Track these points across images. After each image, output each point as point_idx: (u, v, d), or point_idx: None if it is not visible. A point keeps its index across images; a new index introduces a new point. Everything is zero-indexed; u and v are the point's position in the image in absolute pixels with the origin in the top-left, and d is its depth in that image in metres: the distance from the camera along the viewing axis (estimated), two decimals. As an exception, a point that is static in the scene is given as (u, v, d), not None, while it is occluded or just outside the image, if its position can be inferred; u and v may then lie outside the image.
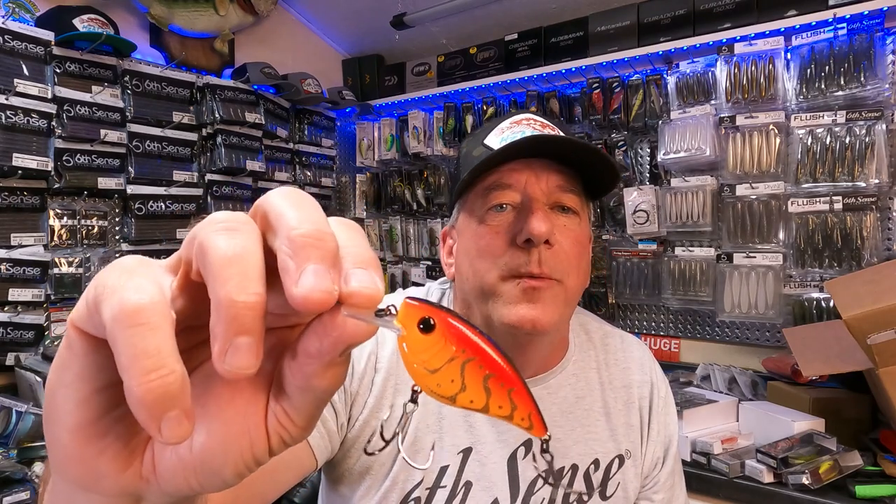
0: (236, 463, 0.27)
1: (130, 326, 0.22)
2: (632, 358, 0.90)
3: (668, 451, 0.89)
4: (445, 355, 0.25)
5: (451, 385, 0.25)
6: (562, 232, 0.74)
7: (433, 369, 0.25)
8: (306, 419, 0.27)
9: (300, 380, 0.26)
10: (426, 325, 0.25)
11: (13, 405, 1.51)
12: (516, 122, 0.79)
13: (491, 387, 0.25)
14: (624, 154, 2.19)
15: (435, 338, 0.25)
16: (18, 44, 1.77)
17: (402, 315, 0.25)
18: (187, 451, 0.26)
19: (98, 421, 0.26)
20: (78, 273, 1.94)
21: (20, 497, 1.28)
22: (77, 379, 0.25)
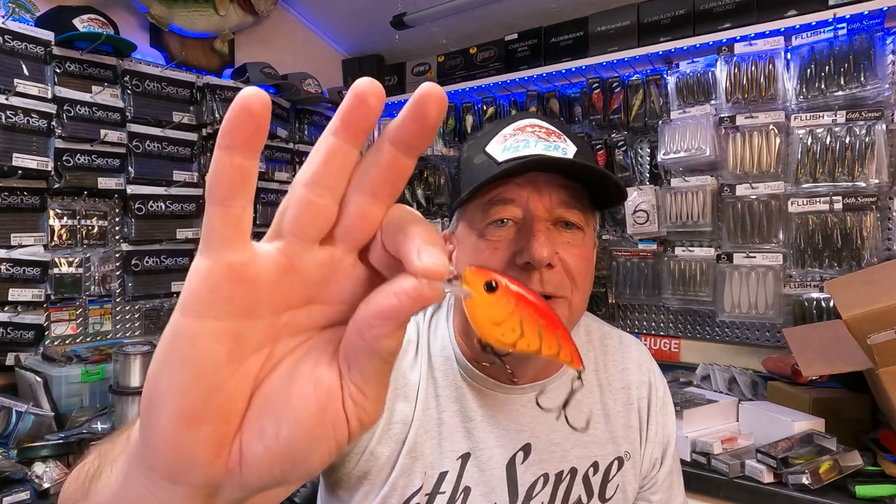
0: (321, 450, 0.28)
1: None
2: (630, 359, 0.90)
3: (667, 451, 0.89)
4: (507, 309, 0.30)
5: (512, 333, 0.31)
6: (565, 249, 0.72)
7: (498, 322, 0.30)
8: (377, 389, 0.29)
9: (369, 343, 0.27)
10: (489, 287, 0.30)
11: (13, 405, 1.51)
12: (520, 129, 0.75)
13: (544, 333, 0.31)
14: (624, 154, 2.19)
15: (498, 296, 0.30)
16: (18, 44, 1.77)
17: (469, 279, 0.30)
18: (275, 441, 0.27)
19: (199, 408, 0.27)
20: (78, 273, 1.94)
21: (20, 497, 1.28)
22: (179, 367, 0.26)
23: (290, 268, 0.28)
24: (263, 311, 0.28)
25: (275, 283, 0.27)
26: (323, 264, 0.28)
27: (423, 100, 0.28)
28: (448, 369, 0.80)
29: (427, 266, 0.26)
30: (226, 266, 0.26)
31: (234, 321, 0.27)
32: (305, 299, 0.29)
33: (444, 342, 0.82)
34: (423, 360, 0.80)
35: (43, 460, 1.41)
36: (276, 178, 2.58)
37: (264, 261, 0.27)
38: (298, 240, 0.27)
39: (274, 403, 0.28)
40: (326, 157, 0.27)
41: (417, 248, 0.27)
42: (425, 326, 0.84)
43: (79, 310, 1.99)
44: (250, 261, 0.27)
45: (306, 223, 0.27)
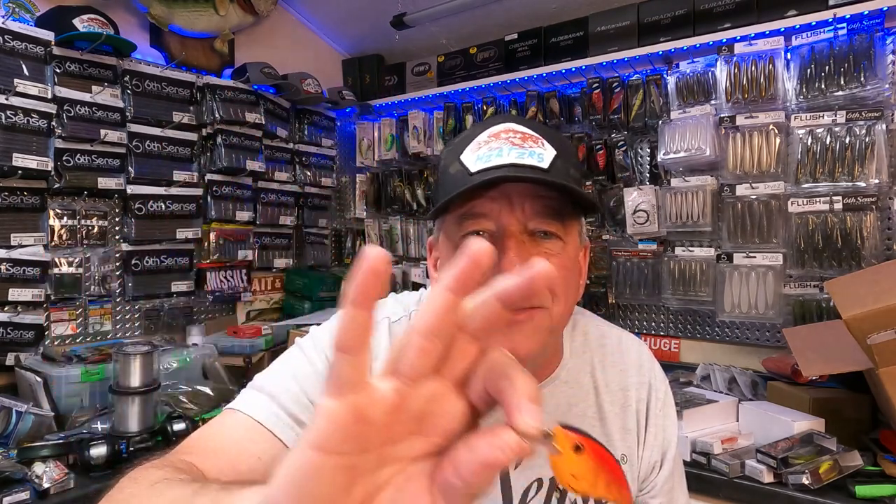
0: None
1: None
2: (629, 360, 0.88)
3: (666, 454, 0.87)
4: (587, 468, 0.36)
5: (586, 484, 0.37)
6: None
7: (577, 476, 0.36)
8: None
9: (468, 486, 0.30)
10: (577, 449, 0.35)
11: (13, 405, 1.51)
12: (494, 136, 0.72)
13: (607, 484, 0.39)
14: (624, 154, 2.19)
15: (584, 458, 0.36)
16: (18, 44, 1.77)
17: (560, 439, 0.34)
18: None
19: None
20: (78, 273, 1.94)
21: (20, 497, 1.28)
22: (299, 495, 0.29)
23: (401, 406, 0.30)
24: (376, 444, 0.30)
25: (389, 422, 0.30)
26: (429, 400, 0.31)
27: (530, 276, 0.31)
28: None
29: (528, 429, 0.29)
30: (352, 408, 0.29)
31: (353, 457, 0.30)
32: (410, 431, 0.32)
33: None
34: None
35: (43, 460, 1.40)
36: (275, 178, 2.58)
37: (383, 401, 0.30)
38: (410, 380, 0.30)
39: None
40: (440, 310, 0.30)
41: (519, 403, 0.29)
42: None
43: (79, 310, 1.99)
44: (371, 402, 0.30)
45: (419, 366, 0.30)
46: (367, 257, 0.28)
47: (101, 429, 1.58)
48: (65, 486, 1.34)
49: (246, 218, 2.45)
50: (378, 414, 0.30)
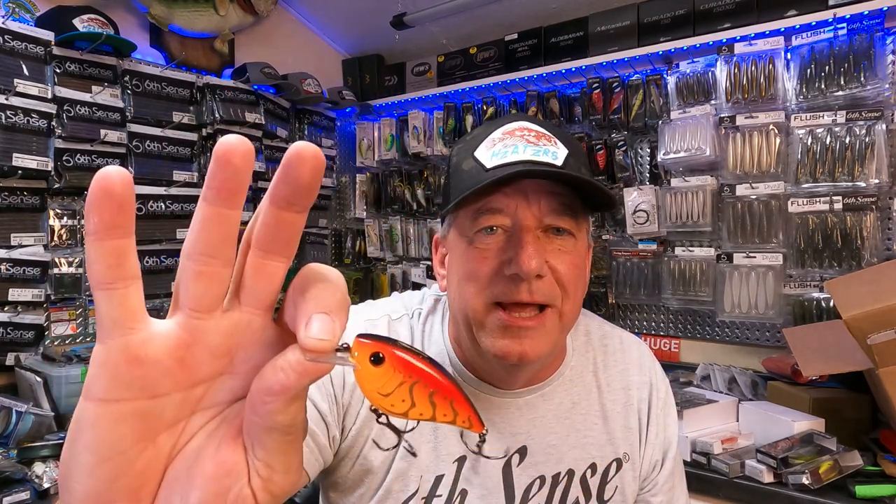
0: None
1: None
2: (631, 359, 0.89)
3: (667, 453, 0.88)
4: (395, 381, 0.30)
5: (402, 404, 0.30)
6: (556, 256, 0.71)
7: (386, 394, 0.30)
8: (284, 461, 0.29)
9: (264, 419, 0.27)
10: (376, 359, 0.29)
11: (13, 405, 1.51)
12: (509, 133, 0.73)
13: (436, 401, 0.31)
14: (624, 154, 2.19)
15: (385, 368, 0.30)
16: (18, 44, 1.77)
17: (356, 351, 0.29)
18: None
19: (105, 490, 0.27)
20: (78, 273, 1.94)
21: (20, 497, 1.28)
22: (84, 451, 0.27)
23: (192, 342, 0.27)
24: (170, 388, 0.27)
25: (179, 360, 0.27)
26: (228, 333, 0.28)
27: (294, 162, 0.26)
28: None
29: (312, 340, 0.26)
30: (122, 349, 0.26)
31: (137, 403, 0.27)
32: (215, 372, 0.29)
33: (439, 346, 0.82)
34: None
35: (43, 460, 1.40)
36: (276, 178, 2.58)
37: (164, 338, 0.27)
38: (196, 311, 0.27)
39: (180, 483, 0.28)
40: (202, 226, 0.27)
41: (308, 317, 0.26)
42: (419, 330, 0.84)
43: (79, 310, 1.99)
44: (148, 340, 0.26)
45: (199, 294, 0.27)
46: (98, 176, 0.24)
47: (101, 429, 1.58)
48: (65, 486, 1.34)
49: (246, 218, 2.44)
50: (159, 353, 0.27)
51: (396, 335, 0.82)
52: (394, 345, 0.30)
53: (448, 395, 0.31)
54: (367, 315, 0.84)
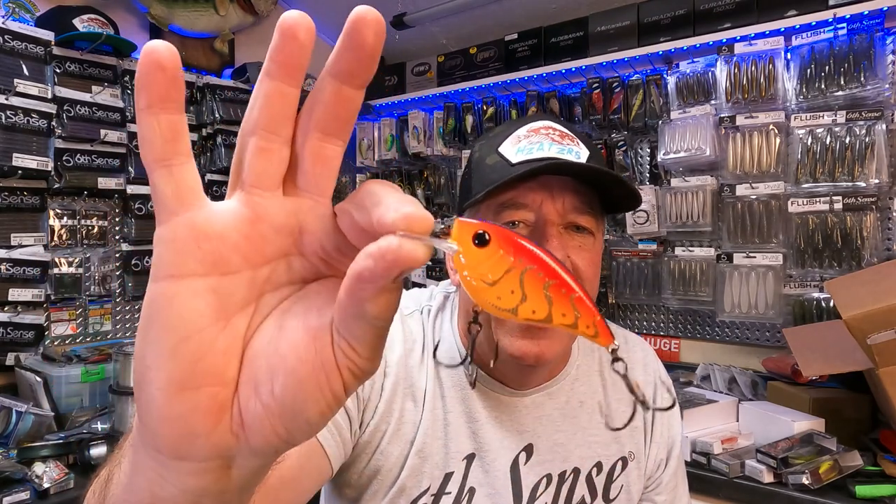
0: (317, 400, 0.27)
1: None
2: (636, 359, 0.90)
3: (672, 452, 0.89)
4: (503, 266, 0.25)
5: (512, 296, 0.25)
6: (576, 253, 0.72)
7: (492, 281, 0.25)
8: (369, 349, 0.27)
9: (354, 306, 0.25)
10: (481, 239, 0.25)
11: (13, 405, 1.51)
12: (534, 131, 0.74)
13: (552, 294, 0.25)
14: (624, 154, 2.19)
15: (491, 249, 0.25)
16: (18, 44, 1.77)
17: (457, 233, 0.26)
18: (270, 396, 0.26)
19: (190, 373, 0.26)
20: (78, 273, 1.94)
21: (20, 497, 1.28)
22: (162, 332, 0.26)
23: (255, 218, 0.27)
24: (239, 265, 0.27)
25: (245, 236, 0.27)
26: (291, 213, 0.28)
27: (357, 26, 0.26)
28: (453, 371, 0.80)
29: (406, 214, 0.24)
30: (189, 225, 0.26)
31: (210, 279, 0.26)
32: (282, 251, 0.28)
33: (449, 343, 0.82)
34: (429, 361, 0.80)
35: (43, 460, 1.40)
36: (276, 178, 2.58)
37: (227, 214, 0.27)
38: (258, 189, 0.27)
39: (265, 358, 0.27)
40: (264, 101, 0.26)
41: (394, 206, 0.25)
42: (430, 326, 0.84)
43: (79, 310, 1.99)
44: (211, 216, 0.26)
45: (261, 170, 0.27)
46: (148, 48, 0.24)
47: (101, 429, 1.58)
48: (65, 486, 1.34)
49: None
50: (226, 228, 0.26)
51: (409, 331, 0.82)
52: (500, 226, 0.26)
53: (568, 290, 0.25)
54: None
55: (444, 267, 2.65)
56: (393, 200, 0.25)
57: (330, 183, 0.28)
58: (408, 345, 0.80)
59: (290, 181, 0.28)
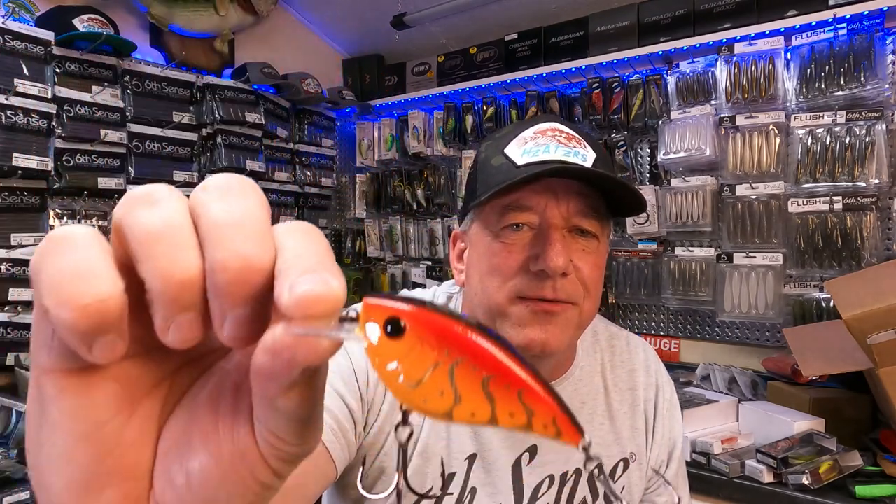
0: (242, 494, 0.24)
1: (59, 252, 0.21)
2: (637, 360, 0.90)
3: (672, 453, 0.89)
4: (426, 361, 0.20)
5: (442, 399, 0.20)
6: (580, 257, 0.72)
7: (415, 382, 0.20)
8: (296, 436, 0.23)
9: (265, 400, 0.22)
10: (394, 328, 0.20)
11: (13, 405, 1.51)
12: (541, 133, 0.74)
13: (494, 391, 0.20)
14: (624, 154, 2.19)
15: (408, 342, 0.20)
16: (18, 44, 1.77)
17: (364, 319, 0.20)
18: (187, 491, 0.24)
19: (93, 472, 0.23)
20: (78, 273, 1.94)
21: (20, 497, 1.28)
22: (56, 431, 0.22)
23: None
24: (139, 345, 0.23)
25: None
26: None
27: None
28: None
29: (300, 298, 0.19)
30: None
31: (109, 365, 0.22)
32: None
33: None
34: None
35: (43, 460, 1.40)
36: (275, 178, 2.58)
37: None
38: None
39: (177, 449, 0.24)
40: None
41: (289, 278, 0.20)
42: None
43: (79, 310, 1.98)
44: None
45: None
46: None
47: (101, 429, 1.58)
48: (65, 486, 1.34)
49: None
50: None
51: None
52: (421, 306, 0.20)
53: (514, 384, 0.20)
54: None
55: (445, 267, 2.65)
56: (296, 269, 0.20)
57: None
58: None
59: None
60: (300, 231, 0.23)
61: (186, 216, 0.22)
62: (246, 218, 0.22)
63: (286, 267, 0.21)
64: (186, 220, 0.22)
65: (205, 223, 0.22)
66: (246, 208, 0.22)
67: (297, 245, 0.22)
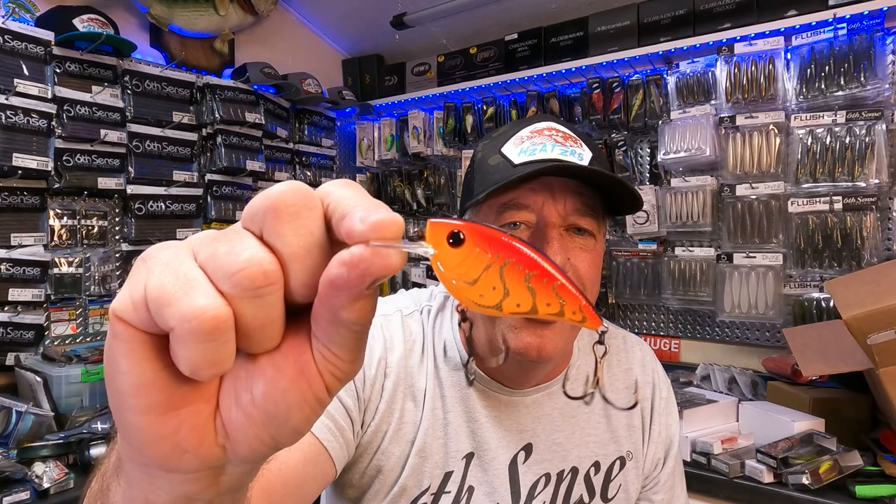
0: (300, 406, 0.27)
1: (204, 342, 0.24)
2: (634, 359, 0.90)
3: (669, 451, 0.89)
4: (481, 263, 0.25)
5: (494, 293, 0.25)
6: (577, 255, 0.72)
7: (472, 280, 0.25)
8: (350, 352, 0.27)
9: (330, 313, 0.25)
10: (455, 239, 0.25)
11: (13, 405, 1.51)
12: (537, 132, 0.75)
13: (534, 286, 0.25)
14: (624, 154, 2.19)
15: (467, 248, 0.25)
16: (18, 44, 1.77)
17: (430, 235, 0.25)
18: (252, 406, 0.26)
19: (170, 397, 0.26)
20: (78, 273, 1.94)
21: (20, 497, 1.28)
22: (135, 365, 0.25)
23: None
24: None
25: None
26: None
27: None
28: (453, 370, 0.80)
29: (374, 223, 0.24)
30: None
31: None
32: None
33: (449, 343, 0.82)
34: (429, 361, 0.80)
35: (43, 460, 1.40)
36: (275, 178, 2.58)
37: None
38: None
39: (243, 368, 0.27)
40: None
41: (361, 214, 0.24)
42: (430, 326, 0.84)
43: (79, 310, 1.99)
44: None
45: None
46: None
47: (101, 429, 1.58)
48: (65, 486, 1.34)
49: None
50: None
51: (409, 331, 0.82)
52: (474, 222, 0.26)
53: (549, 279, 0.25)
54: (379, 311, 0.84)
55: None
56: (360, 208, 0.25)
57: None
58: (408, 345, 0.80)
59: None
60: (349, 185, 0.27)
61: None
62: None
63: (350, 207, 0.25)
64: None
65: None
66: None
67: (352, 194, 0.26)
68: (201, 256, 0.25)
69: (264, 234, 0.25)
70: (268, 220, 0.25)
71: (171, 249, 0.26)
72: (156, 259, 0.26)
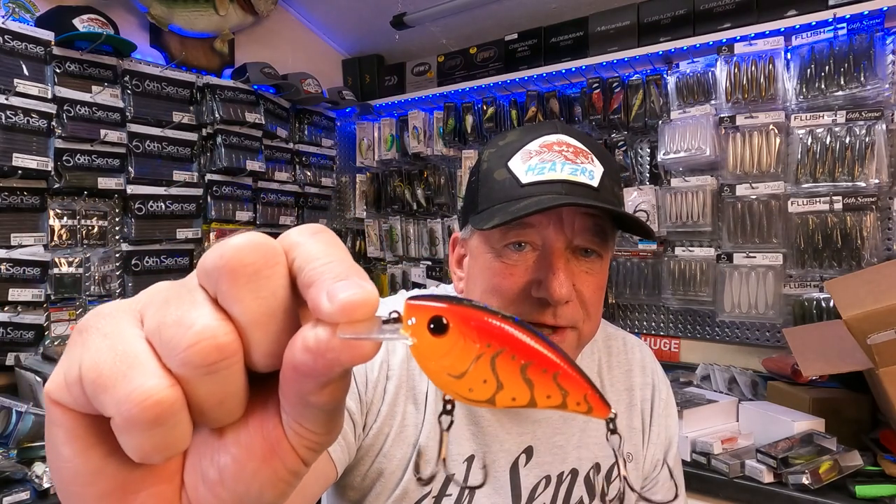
0: (274, 484, 0.25)
1: (147, 430, 0.21)
2: (634, 360, 0.90)
3: (668, 452, 0.89)
4: (469, 355, 0.22)
5: (485, 386, 0.22)
6: (582, 279, 0.70)
7: (459, 374, 0.22)
8: (323, 426, 0.25)
9: (297, 398, 0.23)
10: (438, 326, 0.22)
11: (13, 405, 1.50)
12: (546, 147, 0.71)
13: (532, 377, 0.22)
14: (624, 154, 2.19)
15: (452, 338, 0.22)
16: (18, 44, 1.77)
17: (407, 319, 0.22)
18: (220, 487, 0.24)
19: (123, 483, 0.24)
20: (78, 273, 1.94)
21: (20, 497, 1.28)
22: (79, 453, 0.23)
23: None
24: None
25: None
26: None
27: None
28: None
29: (343, 304, 0.21)
30: None
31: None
32: None
33: None
34: None
35: (43, 460, 1.40)
36: (275, 178, 2.58)
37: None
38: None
39: (208, 446, 0.25)
40: None
41: (330, 286, 0.21)
42: None
43: (79, 310, 1.98)
44: None
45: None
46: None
47: (101, 429, 1.58)
48: (65, 486, 1.34)
49: (246, 218, 2.45)
50: None
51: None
52: (459, 303, 0.22)
53: (549, 368, 0.22)
54: (380, 311, 0.84)
55: (445, 267, 2.65)
56: (329, 277, 0.22)
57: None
58: None
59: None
60: (319, 235, 0.24)
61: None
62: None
63: (318, 274, 0.22)
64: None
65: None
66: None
67: (321, 250, 0.23)
68: (148, 325, 0.23)
69: (219, 299, 0.22)
70: (223, 283, 0.22)
71: (113, 317, 0.23)
72: (94, 330, 0.23)
